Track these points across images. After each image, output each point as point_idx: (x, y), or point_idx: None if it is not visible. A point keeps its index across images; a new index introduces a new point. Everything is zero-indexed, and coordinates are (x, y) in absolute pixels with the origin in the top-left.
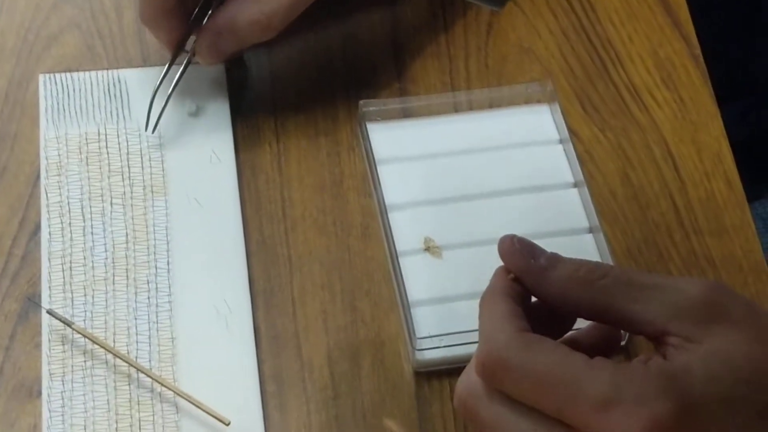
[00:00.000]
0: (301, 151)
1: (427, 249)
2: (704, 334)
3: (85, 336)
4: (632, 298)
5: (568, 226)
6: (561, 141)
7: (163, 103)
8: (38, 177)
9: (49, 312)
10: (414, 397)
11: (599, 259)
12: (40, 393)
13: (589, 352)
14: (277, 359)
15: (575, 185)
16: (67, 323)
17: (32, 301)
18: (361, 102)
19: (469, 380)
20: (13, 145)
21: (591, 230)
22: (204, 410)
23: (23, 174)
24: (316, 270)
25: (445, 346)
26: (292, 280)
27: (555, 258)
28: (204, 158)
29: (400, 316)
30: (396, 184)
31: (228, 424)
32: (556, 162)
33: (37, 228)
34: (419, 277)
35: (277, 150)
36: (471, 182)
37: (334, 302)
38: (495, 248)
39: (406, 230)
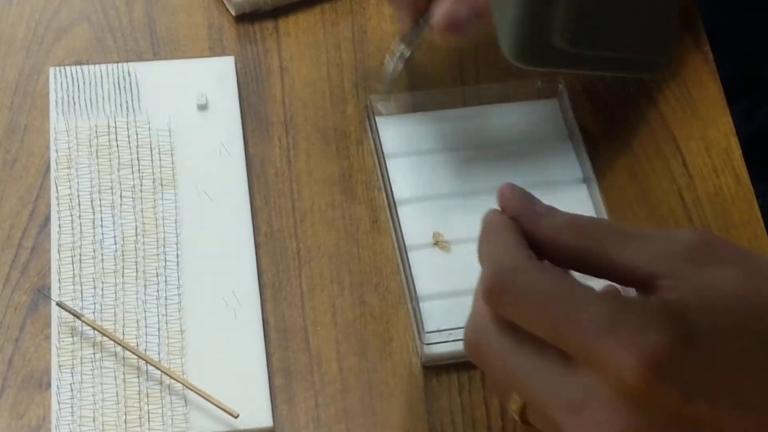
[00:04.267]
0: (311, 144)
1: (436, 243)
2: (696, 272)
3: (94, 328)
4: (624, 245)
5: None
6: (570, 136)
7: (389, 76)
8: (48, 169)
9: (59, 304)
10: (422, 390)
11: None
12: (49, 384)
13: None
14: (286, 352)
15: (584, 180)
16: (77, 315)
17: (42, 293)
18: (371, 96)
19: (475, 320)
20: (23, 137)
21: None
22: (213, 402)
23: (33, 166)
24: (324, 263)
25: (453, 341)
26: (301, 274)
27: (551, 207)
28: (213, 151)
29: (409, 310)
30: (405, 178)
31: (237, 417)
32: (565, 157)
33: (47, 220)
34: (428, 272)
35: (287, 144)
36: (480, 177)
37: (342, 296)
38: None
39: (414, 224)
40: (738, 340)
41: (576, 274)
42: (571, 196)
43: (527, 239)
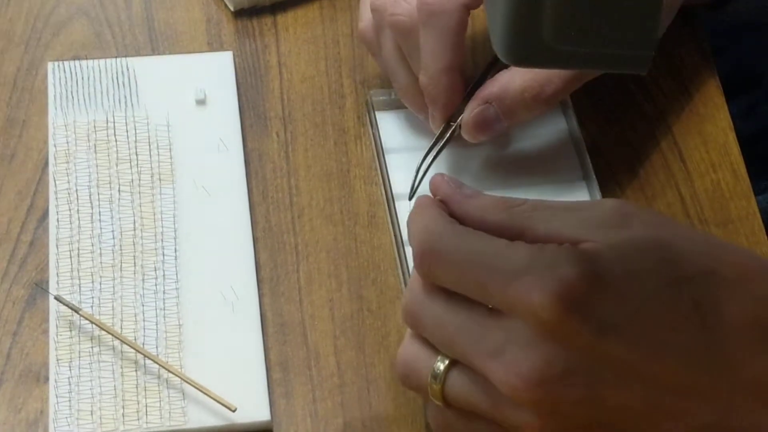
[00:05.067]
0: (309, 139)
1: None
2: (612, 233)
3: (92, 322)
4: (549, 218)
5: None
6: (569, 133)
7: (424, 170)
8: (46, 164)
9: (57, 298)
10: None
11: None
12: (47, 378)
13: None
14: (284, 346)
15: (583, 178)
16: (75, 309)
17: (40, 287)
18: (371, 91)
19: (411, 289)
20: (21, 132)
21: None
22: (210, 396)
23: (31, 160)
24: (322, 258)
25: None
26: (299, 268)
27: (478, 190)
28: (212, 146)
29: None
30: (403, 173)
31: (234, 411)
32: (565, 154)
33: (45, 214)
34: None
35: (285, 139)
36: (478, 174)
37: (340, 291)
38: None
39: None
40: (647, 281)
41: None
42: (571, 193)
43: (456, 217)
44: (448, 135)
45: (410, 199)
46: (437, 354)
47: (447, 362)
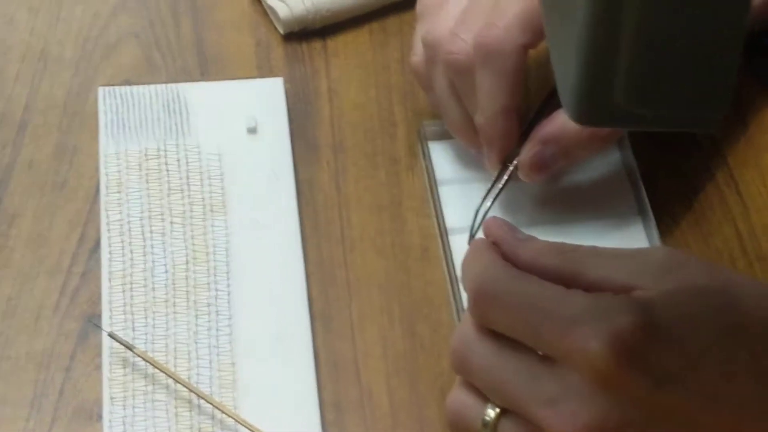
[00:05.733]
0: (359, 170)
1: None
2: (664, 280)
3: (146, 360)
4: (601, 265)
5: None
6: (625, 167)
7: (483, 213)
8: (97, 192)
9: (111, 335)
10: None
11: None
12: (100, 417)
13: None
14: (336, 385)
15: (639, 213)
16: (129, 347)
17: (93, 323)
18: (424, 122)
19: (461, 332)
20: (71, 159)
21: None
22: None
23: (82, 189)
24: (374, 293)
25: None
26: (351, 304)
27: (531, 236)
28: (263, 176)
29: None
30: (456, 206)
31: None
32: (619, 186)
33: (97, 245)
34: None
35: (335, 168)
36: (533, 208)
37: (392, 327)
38: None
39: (460, 255)
40: (704, 330)
41: None
42: (626, 229)
43: (509, 260)
44: (506, 177)
45: (469, 243)
46: (487, 401)
47: (497, 410)
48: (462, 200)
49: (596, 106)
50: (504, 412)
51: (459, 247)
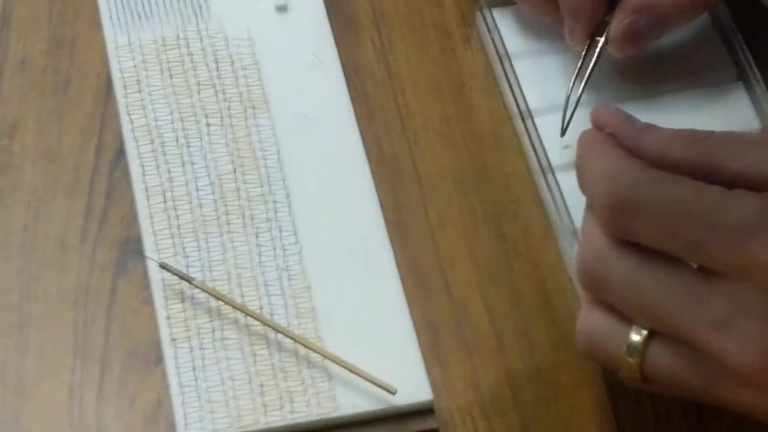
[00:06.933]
0: (408, 45)
1: None
2: None
3: (207, 292)
4: (742, 154)
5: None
6: (715, 21)
7: (575, 102)
8: (109, 91)
9: (163, 266)
10: None
11: None
12: (159, 361)
13: None
14: (426, 302)
15: (739, 77)
16: (186, 278)
17: (139, 253)
18: None
19: (591, 246)
20: (72, 54)
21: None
22: (365, 378)
23: (89, 88)
24: (450, 191)
25: None
26: (426, 205)
27: (651, 124)
28: (304, 62)
29: (560, 245)
30: (535, 82)
31: (394, 393)
32: (712, 48)
33: (118, 155)
34: (578, 197)
35: (381, 46)
36: (621, 82)
37: (477, 230)
38: None
39: (553, 140)
40: None
41: None
42: (727, 97)
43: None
44: (596, 53)
45: (562, 135)
46: (630, 324)
47: (644, 333)
48: (539, 75)
49: None
50: (652, 335)
51: (548, 130)
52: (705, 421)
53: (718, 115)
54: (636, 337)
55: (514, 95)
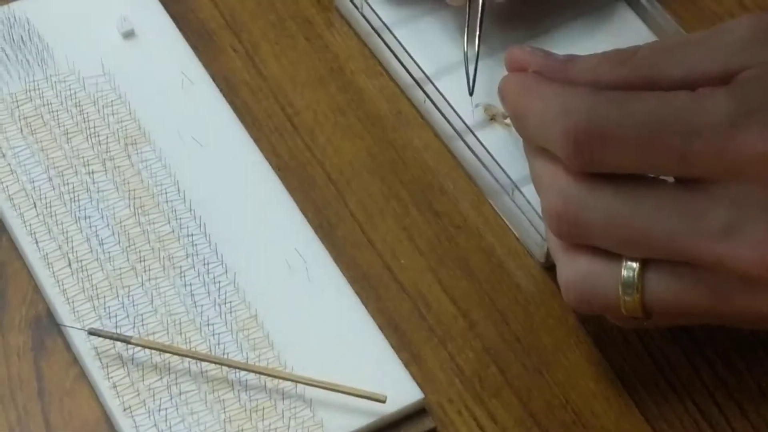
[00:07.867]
0: (273, 44)
1: (493, 119)
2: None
3: (150, 347)
4: (677, 60)
5: None
6: None
7: (475, 57)
8: None
9: (92, 332)
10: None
11: None
12: None
13: None
14: (380, 301)
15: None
16: (123, 339)
17: (58, 326)
18: None
19: (557, 191)
20: None
21: None
22: (349, 393)
23: None
24: (367, 180)
25: None
26: (346, 201)
27: (573, 55)
28: (173, 84)
29: (497, 205)
30: (419, 49)
31: (384, 401)
32: None
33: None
34: (506, 150)
35: (245, 51)
36: (504, 29)
37: (408, 213)
38: None
39: (459, 101)
40: None
41: None
42: (616, 19)
43: None
44: (481, 2)
45: (471, 93)
46: (618, 260)
47: (637, 266)
48: (422, 41)
49: None
50: (646, 265)
51: (450, 94)
52: (704, 350)
53: (611, 37)
54: (629, 273)
55: (404, 66)
